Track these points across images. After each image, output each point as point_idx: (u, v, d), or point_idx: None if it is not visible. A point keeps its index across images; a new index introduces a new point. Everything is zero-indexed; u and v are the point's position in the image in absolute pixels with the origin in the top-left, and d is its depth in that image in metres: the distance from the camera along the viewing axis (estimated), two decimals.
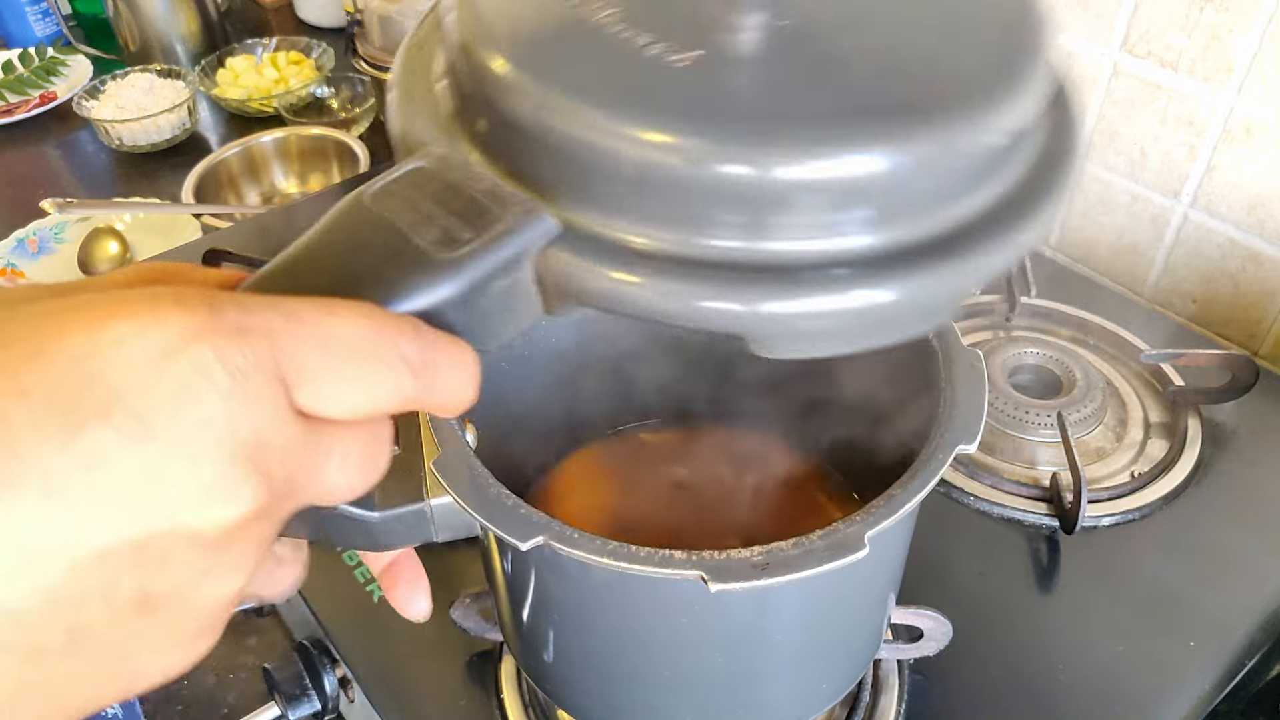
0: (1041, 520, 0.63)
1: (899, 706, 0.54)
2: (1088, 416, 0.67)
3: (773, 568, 0.34)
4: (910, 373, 0.45)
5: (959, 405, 0.40)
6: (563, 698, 0.48)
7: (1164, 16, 0.73)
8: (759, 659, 0.42)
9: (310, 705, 0.58)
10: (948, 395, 0.40)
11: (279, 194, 1.11)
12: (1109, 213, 0.84)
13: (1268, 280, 0.76)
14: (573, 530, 0.35)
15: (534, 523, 0.35)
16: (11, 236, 1.02)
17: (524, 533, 0.35)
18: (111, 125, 1.15)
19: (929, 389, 0.43)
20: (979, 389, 0.40)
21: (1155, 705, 0.54)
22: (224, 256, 0.80)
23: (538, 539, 0.34)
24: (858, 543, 0.34)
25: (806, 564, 0.34)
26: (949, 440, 0.38)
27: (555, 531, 0.35)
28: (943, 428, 0.39)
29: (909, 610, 0.51)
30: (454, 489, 0.36)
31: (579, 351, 0.54)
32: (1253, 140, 0.72)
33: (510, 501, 0.36)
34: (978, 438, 0.38)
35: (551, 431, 0.57)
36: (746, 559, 0.34)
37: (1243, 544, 0.61)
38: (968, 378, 0.41)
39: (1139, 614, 0.58)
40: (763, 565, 0.34)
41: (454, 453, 0.37)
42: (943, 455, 0.38)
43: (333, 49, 1.29)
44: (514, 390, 0.52)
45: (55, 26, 1.41)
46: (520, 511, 0.36)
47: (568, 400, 0.55)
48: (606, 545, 0.34)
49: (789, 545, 0.34)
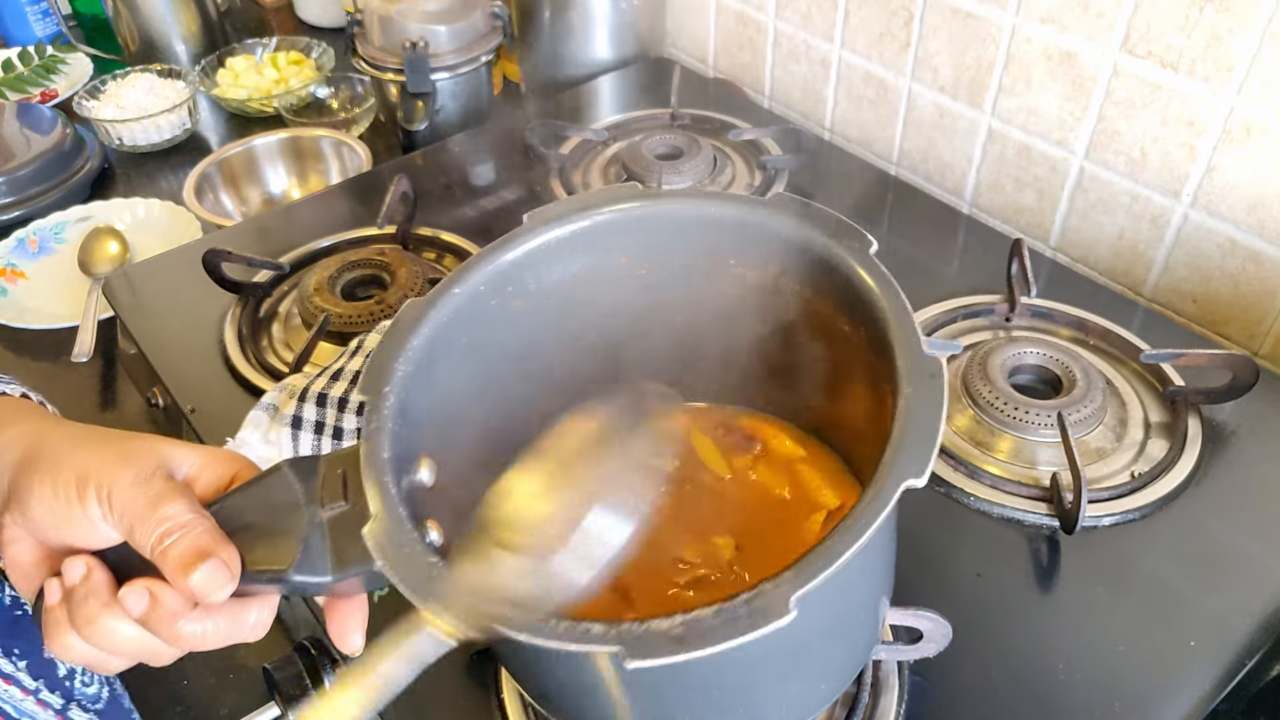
0: (1041, 520, 0.63)
1: (899, 707, 0.54)
2: (1088, 416, 0.67)
3: (690, 640, 0.32)
4: (875, 359, 0.43)
5: (910, 429, 0.36)
6: (554, 711, 0.48)
7: (1164, 16, 0.73)
8: (741, 677, 0.41)
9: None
10: (900, 416, 0.36)
11: (279, 194, 1.11)
12: (1109, 213, 0.84)
13: (1268, 280, 0.76)
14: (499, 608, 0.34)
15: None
16: (12, 236, 1.02)
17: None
18: (112, 125, 1.15)
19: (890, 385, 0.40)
20: (935, 408, 0.36)
21: (1155, 705, 0.54)
22: (224, 257, 0.80)
23: None
24: (782, 608, 0.32)
25: (728, 634, 0.32)
26: (895, 474, 0.34)
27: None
28: (890, 459, 0.35)
29: (908, 612, 0.51)
30: (382, 560, 0.36)
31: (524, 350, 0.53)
32: (1253, 140, 0.72)
33: (438, 575, 0.35)
34: (927, 471, 0.34)
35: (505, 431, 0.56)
36: (665, 630, 0.32)
37: (1243, 544, 0.61)
38: (924, 393, 0.36)
39: (1139, 614, 0.58)
40: (680, 638, 0.32)
41: (387, 521, 0.37)
42: (886, 494, 0.34)
43: (333, 49, 1.29)
44: (470, 394, 0.51)
45: (55, 26, 1.41)
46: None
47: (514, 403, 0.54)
48: (529, 621, 0.33)
49: (710, 613, 0.32)
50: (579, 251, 0.50)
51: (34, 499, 0.38)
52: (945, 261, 0.85)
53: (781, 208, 0.47)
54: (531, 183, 0.97)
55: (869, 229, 0.47)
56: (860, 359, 0.44)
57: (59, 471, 0.39)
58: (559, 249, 0.49)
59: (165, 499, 0.38)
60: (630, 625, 0.32)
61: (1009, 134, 0.88)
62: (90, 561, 0.39)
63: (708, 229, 0.49)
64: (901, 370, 0.38)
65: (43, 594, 0.39)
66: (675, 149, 0.96)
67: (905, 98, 0.96)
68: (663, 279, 0.51)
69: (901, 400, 0.36)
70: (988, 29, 0.85)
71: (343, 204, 0.95)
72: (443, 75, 1.07)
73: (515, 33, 1.17)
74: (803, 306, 0.49)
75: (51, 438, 0.40)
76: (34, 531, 0.39)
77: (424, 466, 0.43)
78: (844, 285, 0.44)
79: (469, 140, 1.04)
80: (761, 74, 1.11)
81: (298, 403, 0.65)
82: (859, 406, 0.47)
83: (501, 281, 0.48)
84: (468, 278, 0.47)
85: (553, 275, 0.50)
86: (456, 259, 0.88)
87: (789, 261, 0.47)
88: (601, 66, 1.16)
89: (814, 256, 0.45)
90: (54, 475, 0.39)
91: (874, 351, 0.41)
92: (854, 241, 0.44)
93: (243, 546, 0.39)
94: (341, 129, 1.11)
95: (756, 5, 1.07)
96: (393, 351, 0.43)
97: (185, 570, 0.37)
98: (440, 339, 0.45)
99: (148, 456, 0.39)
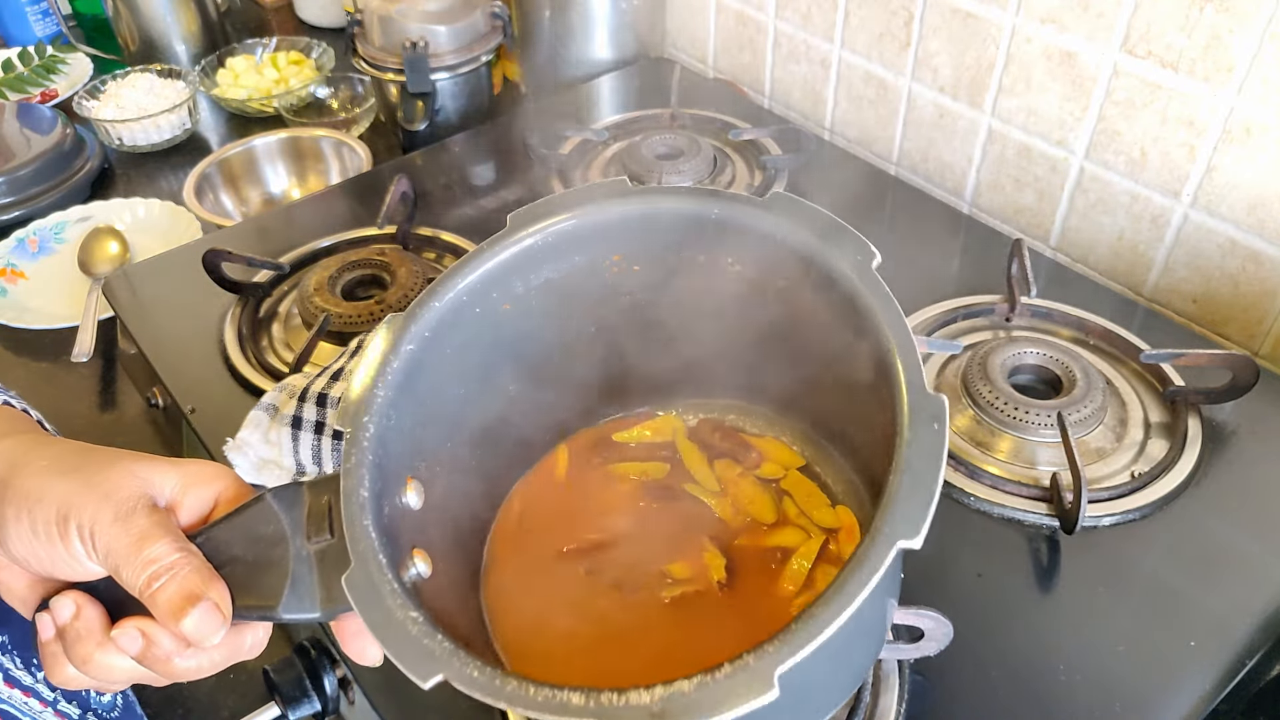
0: (1041, 520, 0.63)
1: (899, 707, 0.54)
2: (1088, 416, 0.67)
3: (670, 715, 0.31)
4: (873, 372, 0.42)
5: (906, 484, 0.34)
6: None
7: (1164, 16, 0.73)
8: None
9: (310, 706, 0.58)
10: (896, 469, 0.34)
11: (279, 194, 1.11)
12: (1109, 213, 0.84)
13: (1268, 280, 0.76)
14: (474, 668, 0.33)
15: (436, 657, 0.34)
16: (12, 236, 1.02)
17: (425, 670, 0.34)
18: (112, 125, 1.15)
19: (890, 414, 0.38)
20: (934, 461, 0.34)
21: (1155, 705, 0.54)
22: (224, 257, 0.80)
23: (438, 678, 0.33)
24: (766, 683, 0.31)
25: (707, 711, 0.31)
26: (887, 535, 0.33)
27: (455, 670, 0.33)
28: (882, 519, 0.33)
29: (909, 611, 0.51)
30: (362, 613, 0.35)
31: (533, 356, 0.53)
32: (1253, 140, 0.72)
33: (416, 630, 0.35)
34: (922, 533, 0.32)
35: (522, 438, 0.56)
36: (646, 705, 0.31)
37: (1243, 544, 0.61)
38: (924, 441, 0.35)
39: (1139, 614, 0.58)
40: (659, 713, 0.31)
41: (365, 570, 0.36)
42: (878, 557, 0.32)
43: (333, 49, 1.29)
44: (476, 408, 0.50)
45: (55, 26, 1.41)
46: (424, 643, 0.34)
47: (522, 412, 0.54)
48: (504, 687, 0.33)
49: (691, 685, 0.31)
50: (568, 251, 0.48)
51: (12, 536, 0.37)
52: (945, 261, 0.85)
53: (778, 209, 0.45)
54: (531, 183, 0.97)
55: (869, 229, 0.46)
56: (861, 367, 0.43)
57: (37, 508, 0.37)
58: (546, 251, 0.48)
59: (150, 538, 0.37)
60: (609, 694, 0.32)
61: (1009, 134, 0.88)
62: (79, 599, 0.38)
63: (705, 227, 0.48)
64: (901, 410, 0.36)
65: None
66: (675, 149, 0.96)
67: (905, 98, 0.96)
68: (657, 278, 0.50)
69: (900, 447, 0.35)
70: (988, 29, 0.85)
71: (343, 204, 0.95)
72: (443, 75, 1.07)
73: (515, 33, 1.17)
74: (802, 310, 0.47)
75: (26, 463, 0.39)
76: (17, 563, 0.39)
77: (410, 490, 0.42)
78: (845, 301, 0.42)
79: (469, 140, 1.05)
80: (761, 74, 1.11)
81: (298, 403, 0.65)
82: (860, 408, 0.46)
83: (486, 287, 0.47)
84: (449, 287, 0.45)
85: (541, 276, 0.49)
86: (457, 259, 0.88)
87: (788, 266, 0.46)
88: (601, 67, 1.16)
89: (814, 264, 0.44)
90: (31, 512, 0.37)
91: (876, 371, 0.40)
92: (856, 253, 0.42)
93: (231, 582, 0.38)
94: (341, 129, 1.11)
95: (756, 5, 1.07)
96: (370, 376, 0.42)
97: (176, 616, 0.36)
98: (423, 353, 0.44)
99: (128, 486, 0.38)
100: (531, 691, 0.32)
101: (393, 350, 0.43)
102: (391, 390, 0.42)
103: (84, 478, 0.38)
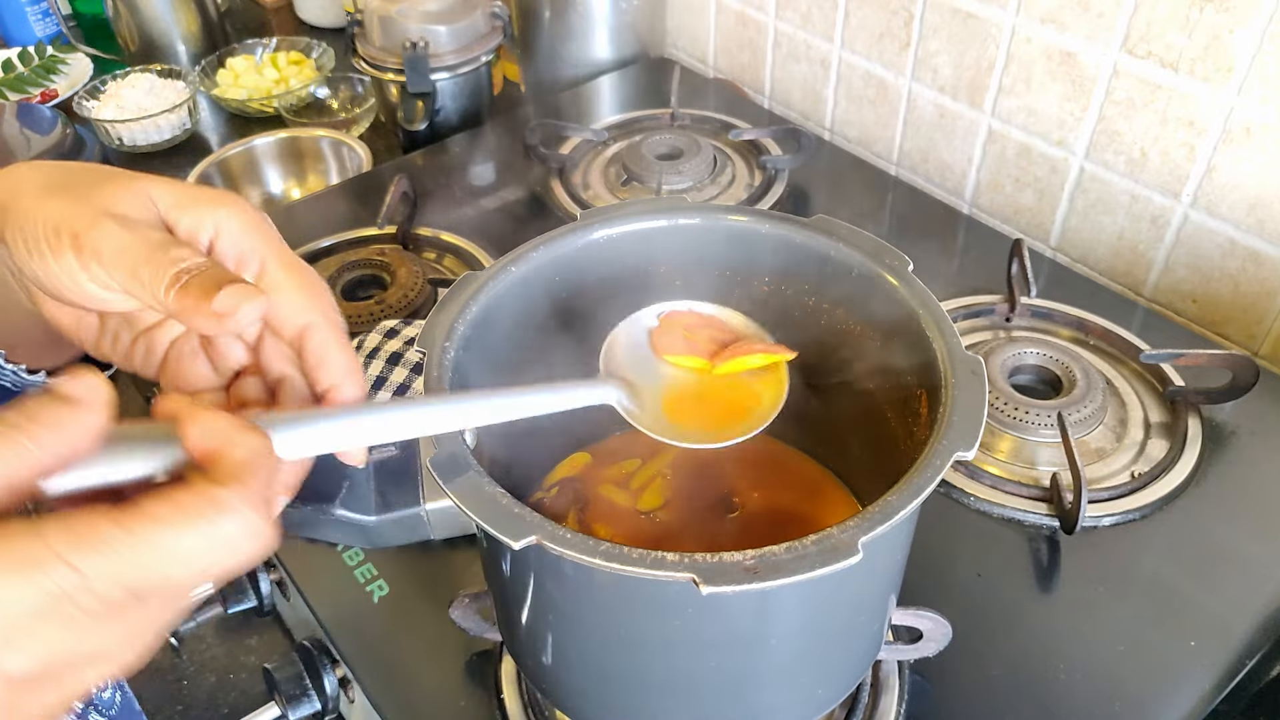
0: (1041, 520, 0.63)
1: (899, 707, 0.54)
2: (1088, 416, 0.67)
3: (763, 571, 0.33)
4: (909, 373, 0.45)
5: (958, 411, 0.40)
6: (559, 698, 0.48)
7: (1164, 16, 0.73)
8: (755, 662, 0.42)
9: (310, 705, 0.58)
10: (947, 401, 0.40)
11: (279, 194, 1.11)
12: (1109, 213, 0.84)
13: (1268, 280, 0.76)
14: (565, 530, 0.35)
15: (528, 522, 0.35)
16: None
17: (517, 532, 0.35)
18: (112, 125, 1.15)
19: (928, 389, 0.43)
20: (979, 396, 0.40)
21: (1155, 705, 0.54)
22: None
23: (530, 539, 0.35)
24: (851, 548, 0.34)
25: (798, 568, 0.34)
26: (947, 446, 0.38)
27: (548, 532, 0.35)
28: (942, 433, 0.39)
29: (908, 611, 0.51)
30: (449, 488, 0.36)
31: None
32: (1253, 140, 0.72)
33: (505, 501, 0.36)
34: (976, 444, 0.39)
35: (553, 436, 0.56)
36: (739, 562, 0.34)
37: (1243, 544, 0.61)
38: (968, 384, 0.41)
39: (1139, 614, 0.58)
40: (754, 569, 0.33)
41: (450, 452, 0.37)
42: (940, 461, 0.37)
43: (333, 49, 1.29)
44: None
45: (55, 26, 1.41)
46: (514, 511, 0.36)
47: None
48: (599, 546, 0.34)
49: (781, 549, 0.34)
50: (623, 254, 0.51)
51: (20, 260, 0.34)
52: (945, 261, 0.85)
53: (823, 229, 0.49)
54: (531, 183, 0.97)
55: (868, 229, 0.48)
56: (882, 378, 0.47)
57: (27, 224, 0.34)
58: (604, 249, 0.51)
59: (172, 243, 0.34)
60: (704, 556, 0.34)
61: (1009, 134, 0.88)
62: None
63: (755, 245, 0.51)
64: (945, 367, 0.42)
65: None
66: (675, 149, 0.96)
67: (905, 98, 0.96)
68: (696, 292, 0.52)
69: (948, 388, 0.41)
70: (988, 29, 0.85)
71: (343, 204, 0.95)
72: (443, 75, 1.07)
73: (515, 33, 1.17)
74: (831, 323, 0.51)
75: (23, 189, 0.35)
76: (45, 291, 0.35)
77: (468, 430, 0.44)
78: (883, 299, 0.47)
79: (469, 140, 1.05)
80: (761, 74, 1.11)
81: None
82: (871, 430, 0.49)
83: (551, 271, 0.50)
84: (523, 262, 0.48)
85: (596, 274, 0.51)
86: (457, 259, 0.88)
87: (825, 280, 0.50)
88: (601, 67, 1.16)
89: (852, 274, 0.48)
90: (23, 229, 0.34)
91: (911, 356, 0.45)
92: (893, 260, 0.47)
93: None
94: (341, 129, 1.11)
95: (756, 5, 1.07)
96: (453, 310, 0.45)
97: (208, 294, 0.32)
98: (492, 310, 0.47)
99: (126, 202, 0.35)
100: (629, 552, 0.34)
101: (472, 298, 0.45)
102: (467, 329, 0.44)
103: (77, 193, 0.35)
